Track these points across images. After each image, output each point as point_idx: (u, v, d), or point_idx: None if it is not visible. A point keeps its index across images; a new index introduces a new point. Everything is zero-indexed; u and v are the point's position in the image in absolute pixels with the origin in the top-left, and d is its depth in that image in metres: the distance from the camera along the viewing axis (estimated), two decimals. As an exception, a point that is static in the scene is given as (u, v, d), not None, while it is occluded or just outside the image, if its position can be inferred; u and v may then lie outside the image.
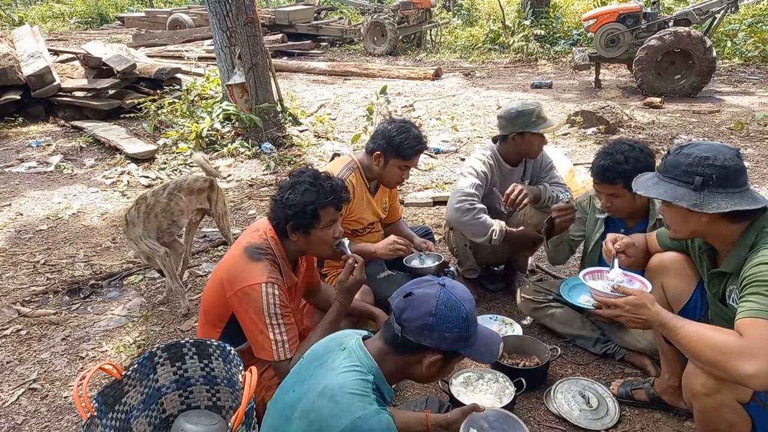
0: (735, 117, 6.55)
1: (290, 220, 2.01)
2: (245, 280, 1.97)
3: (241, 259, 2.03)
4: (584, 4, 13.14)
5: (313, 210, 1.98)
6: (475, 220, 2.78)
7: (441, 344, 1.44)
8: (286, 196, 2.00)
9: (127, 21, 16.50)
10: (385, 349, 1.49)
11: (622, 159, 2.31)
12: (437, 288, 1.47)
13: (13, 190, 5.23)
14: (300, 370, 1.58)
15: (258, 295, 1.95)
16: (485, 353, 1.53)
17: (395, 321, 1.47)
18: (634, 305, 1.72)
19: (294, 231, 2.03)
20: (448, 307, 1.43)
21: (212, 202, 3.41)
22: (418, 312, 1.43)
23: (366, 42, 12.75)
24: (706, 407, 1.68)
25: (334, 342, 1.58)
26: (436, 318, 1.42)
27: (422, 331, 1.43)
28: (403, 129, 2.66)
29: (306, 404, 1.43)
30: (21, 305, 3.31)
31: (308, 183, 2.01)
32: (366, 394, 1.39)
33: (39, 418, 2.46)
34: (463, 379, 2.37)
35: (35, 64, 7.09)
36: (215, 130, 6.17)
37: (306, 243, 2.07)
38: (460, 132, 6.62)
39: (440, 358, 1.46)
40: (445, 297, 1.44)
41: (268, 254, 2.04)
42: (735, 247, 1.71)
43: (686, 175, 1.67)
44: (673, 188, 1.70)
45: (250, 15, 5.95)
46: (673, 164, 1.72)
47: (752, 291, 1.57)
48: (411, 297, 1.46)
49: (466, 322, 1.45)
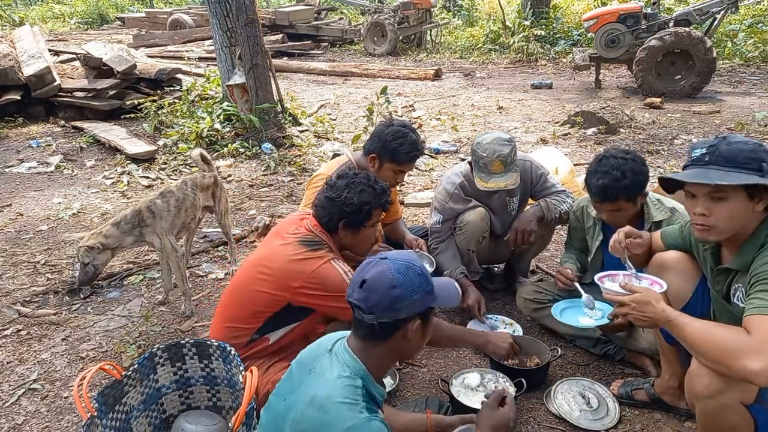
0: (735, 117, 6.55)
1: (344, 217, 2.12)
2: (313, 265, 2.05)
3: (299, 251, 2.09)
4: (584, 5, 13.16)
5: (368, 209, 2.13)
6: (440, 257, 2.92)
7: (415, 308, 1.45)
8: (345, 194, 2.11)
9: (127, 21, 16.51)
10: (366, 346, 1.48)
11: (619, 175, 2.26)
12: (384, 262, 1.47)
13: (13, 190, 5.23)
14: (290, 377, 1.57)
15: (333, 271, 2.05)
16: (449, 296, 1.59)
17: (365, 313, 1.44)
18: (639, 302, 1.73)
19: (345, 228, 2.14)
20: (402, 272, 1.44)
21: (216, 198, 3.42)
22: (381, 291, 1.43)
23: (366, 42, 12.76)
24: (709, 409, 1.68)
25: (322, 347, 1.56)
26: (399, 288, 1.42)
27: (393, 306, 1.42)
28: (399, 134, 2.64)
29: (296, 414, 1.42)
30: (21, 305, 3.31)
31: (364, 184, 2.14)
32: (355, 402, 1.38)
33: (39, 418, 2.46)
34: (463, 380, 2.37)
35: (36, 65, 7.09)
36: (215, 130, 6.17)
37: (353, 239, 2.19)
38: (460, 132, 6.62)
39: (419, 322, 1.48)
40: (395, 266, 1.45)
41: (325, 245, 2.14)
42: (745, 245, 1.70)
43: (750, 161, 1.61)
44: (746, 176, 1.61)
45: (250, 15, 5.95)
46: (735, 153, 1.63)
47: (761, 288, 1.56)
48: (366, 283, 1.45)
49: (424, 277, 1.47)
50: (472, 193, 2.94)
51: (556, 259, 3.53)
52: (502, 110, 7.62)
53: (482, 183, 2.75)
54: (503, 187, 2.72)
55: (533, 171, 2.99)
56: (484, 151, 2.72)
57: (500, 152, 2.69)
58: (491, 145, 2.72)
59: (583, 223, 2.73)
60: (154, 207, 3.02)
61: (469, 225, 2.86)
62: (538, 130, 6.59)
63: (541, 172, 3.01)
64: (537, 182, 3.00)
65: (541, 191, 3.01)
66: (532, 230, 2.87)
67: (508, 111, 7.60)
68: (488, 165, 2.71)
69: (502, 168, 2.71)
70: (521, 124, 6.93)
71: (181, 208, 3.10)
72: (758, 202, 1.63)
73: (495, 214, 2.99)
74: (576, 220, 2.77)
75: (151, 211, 3.01)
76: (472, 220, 2.85)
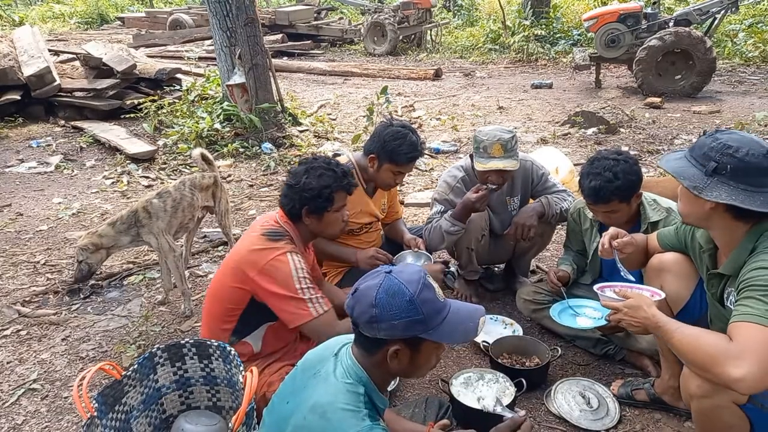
0: (735, 117, 6.55)
1: (306, 203, 2.11)
2: (269, 255, 2.04)
3: (260, 242, 2.10)
4: (584, 4, 13.14)
5: (329, 193, 2.10)
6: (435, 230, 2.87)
7: (395, 333, 1.36)
8: (303, 180, 2.09)
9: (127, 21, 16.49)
10: (363, 355, 1.45)
11: (611, 176, 2.27)
12: (381, 277, 1.40)
13: (13, 190, 5.23)
14: (294, 379, 1.56)
15: (285, 264, 2.03)
16: (456, 334, 1.42)
17: (352, 322, 1.42)
18: (631, 307, 1.74)
19: (309, 214, 2.13)
20: (389, 294, 1.36)
21: (216, 198, 3.42)
22: (363, 306, 1.38)
23: (366, 42, 12.75)
24: (704, 409, 1.68)
25: (328, 350, 1.55)
26: (378, 308, 1.35)
27: (371, 325, 1.37)
28: (398, 135, 2.63)
29: (298, 419, 1.40)
30: (21, 305, 3.31)
31: (323, 168, 2.12)
32: (357, 409, 1.36)
33: (39, 418, 2.46)
34: (463, 380, 2.36)
35: (35, 65, 7.09)
36: (215, 130, 6.16)
37: (318, 225, 2.17)
38: (461, 132, 6.62)
39: (403, 348, 1.39)
40: (387, 284, 1.37)
41: (285, 236, 2.13)
42: (735, 250, 1.70)
43: (704, 158, 1.64)
44: (688, 167, 1.66)
45: (250, 15, 5.95)
46: (699, 145, 1.68)
47: (747, 295, 1.56)
48: (356, 293, 1.42)
49: (413, 305, 1.35)
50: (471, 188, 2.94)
51: (556, 259, 3.52)
52: (502, 110, 7.62)
53: (481, 165, 2.74)
54: (501, 168, 2.70)
55: (534, 171, 3.00)
56: (485, 136, 2.73)
57: (501, 137, 2.71)
58: (492, 131, 2.75)
59: (580, 225, 2.73)
60: (151, 207, 3.03)
61: (468, 223, 2.86)
62: (538, 130, 6.59)
63: (542, 172, 3.02)
64: (538, 182, 3.00)
65: (542, 191, 3.01)
66: (532, 225, 2.86)
67: (508, 111, 7.60)
68: (488, 148, 2.71)
69: (502, 152, 2.70)
70: (521, 124, 6.92)
71: (178, 209, 3.10)
72: (705, 201, 1.62)
73: (495, 214, 2.99)
74: (573, 222, 2.77)
75: (147, 211, 3.01)
76: (471, 218, 2.85)
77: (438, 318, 1.39)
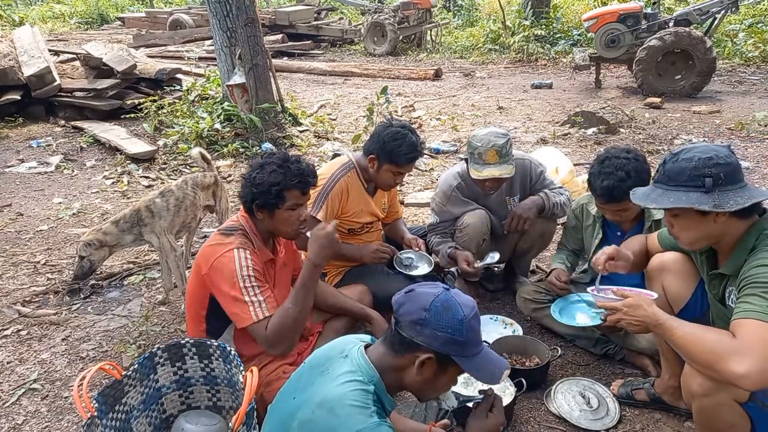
0: (735, 117, 6.55)
1: (256, 198, 2.07)
2: (218, 251, 2.04)
3: (215, 237, 2.12)
4: (584, 4, 13.14)
5: (278, 191, 2.05)
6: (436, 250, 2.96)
7: (433, 343, 1.41)
8: (254, 174, 2.07)
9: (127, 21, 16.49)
10: (385, 351, 1.48)
11: (624, 175, 2.27)
12: (440, 290, 1.47)
13: (13, 190, 5.23)
14: (301, 376, 1.56)
15: (230, 261, 2.00)
16: (485, 371, 1.48)
17: (395, 316, 1.46)
18: (630, 306, 1.74)
19: (260, 209, 2.10)
20: (444, 306, 1.43)
21: (217, 198, 3.42)
22: (414, 306, 1.44)
23: (366, 42, 12.75)
24: (705, 407, 1.68)
25: (336, 349, 1.56)
26: (430, 313, 1.41)
27: (415, 326, 1.42)
28: (398, 135, 2.62)
29: (305, 414, 1.41)
30: (21, 305, 3.31)
31: (276, 164, 2.07)
32: (366, 405, 1.37)
33: (39, 418, 2.46)
34: (463, 379, 2.36)
35: (36, 65, 7.09)
36: (215, 130, 6.16)
37: (270, 222, 2.13)
38: (460, 132, 6.62)
39: (432, 360, 1.43)
40: (445, 297, 1.44)
41: (239, 230, 2.12)
42: (735, 250, 1.71)
43: (694, 179, 1.62)
44: (685, 195, 1.63)
45: (250, 15, 5.95)
46: (677, 171, 1.66)
47: (749, 292, 1.57)
48: (411, 293, 1.47)
49: (461, 325, 1.41)
50: (470, 194, 2.94)
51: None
52: (502, 110, 7.62)
53: (476, 173, 2.74)
54: (497, 176, 2.71)
55: (533, 169, 3.00)
56: (479, 142, 2.73)
57: (495, 142, 2.70)
58: (486, 137, 2.73)
59: (582, 221, 2.73)
60: (154, 206, 3.03)
61: (469, 228, 2.86)
62: (538, 130, 6.59)
63: (540, 170, 3.03)
64: (536, 180, 3.01)
65: (540, 189, 3.02)
66: (529, 217, 2.86)
67: (508, 111, 7.60)
68: (483, 155, 2.71)
69: (497, 158, 2.70)
70: (521, 124, 6.93)
71: (180, 208, 3.11)
72: (717, 215, 1.63)
73: (495, 215, 2.99)
74: (575, 218, 2.77)
75: (150, 210, 3.02)
76: (472, 222, 2.86)
77: (474, 349, 1.47)
